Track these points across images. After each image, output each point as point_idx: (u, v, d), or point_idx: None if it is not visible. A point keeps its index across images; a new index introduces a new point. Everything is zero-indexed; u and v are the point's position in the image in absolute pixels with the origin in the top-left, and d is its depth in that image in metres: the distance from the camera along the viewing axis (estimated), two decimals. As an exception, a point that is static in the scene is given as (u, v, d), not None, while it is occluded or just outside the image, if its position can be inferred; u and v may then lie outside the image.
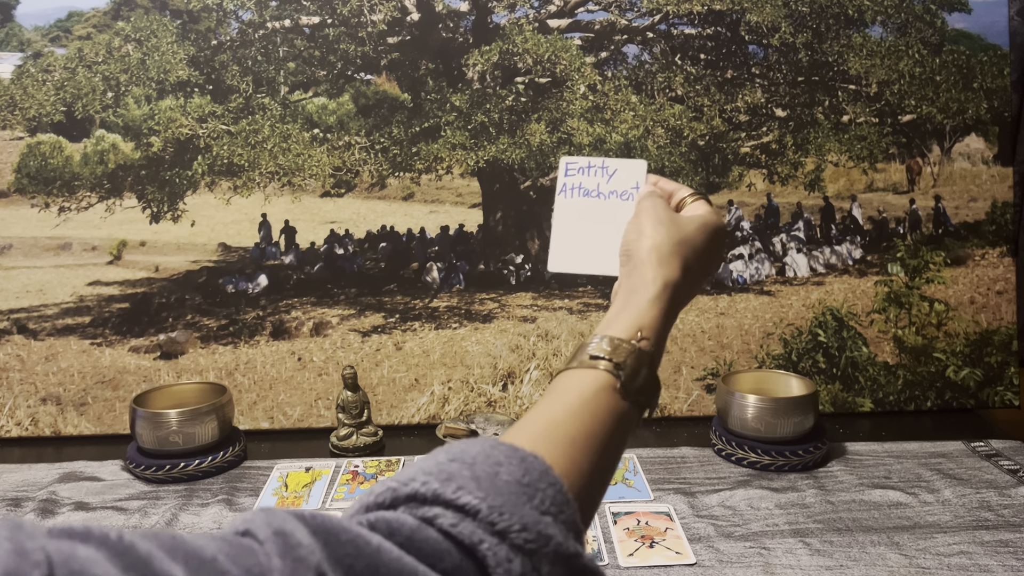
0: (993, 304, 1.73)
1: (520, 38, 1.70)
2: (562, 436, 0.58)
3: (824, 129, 1.75)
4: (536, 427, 0.59)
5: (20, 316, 1.69)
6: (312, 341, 1.71)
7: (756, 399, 1.43)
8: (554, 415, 0.60)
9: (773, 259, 1.79)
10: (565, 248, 0.85)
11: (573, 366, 0.65)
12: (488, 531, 0.48)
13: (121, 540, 0.38)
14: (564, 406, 0.61)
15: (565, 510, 0.52)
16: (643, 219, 0.75)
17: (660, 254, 0.71)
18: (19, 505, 1.32)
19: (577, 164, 0.85)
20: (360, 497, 0.52)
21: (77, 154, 1.72)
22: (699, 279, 0.76)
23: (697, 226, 0.75)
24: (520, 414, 1.66)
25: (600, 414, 0.61)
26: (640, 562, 1.13)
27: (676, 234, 0.73)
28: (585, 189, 0.85)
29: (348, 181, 1.76)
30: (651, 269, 0.71)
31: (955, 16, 1.75)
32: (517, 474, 0.52)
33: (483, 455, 0.53)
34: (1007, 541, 1.16)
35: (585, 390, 0.62)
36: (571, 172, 0.85)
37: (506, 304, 1.75)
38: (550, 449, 0.56)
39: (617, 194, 0.84)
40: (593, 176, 0.85)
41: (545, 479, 0.53)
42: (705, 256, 0.75)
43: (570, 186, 0.85)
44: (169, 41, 1.70)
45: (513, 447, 0.54)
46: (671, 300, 0.70)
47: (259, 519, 0.45)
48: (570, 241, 0.85)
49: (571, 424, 0.59)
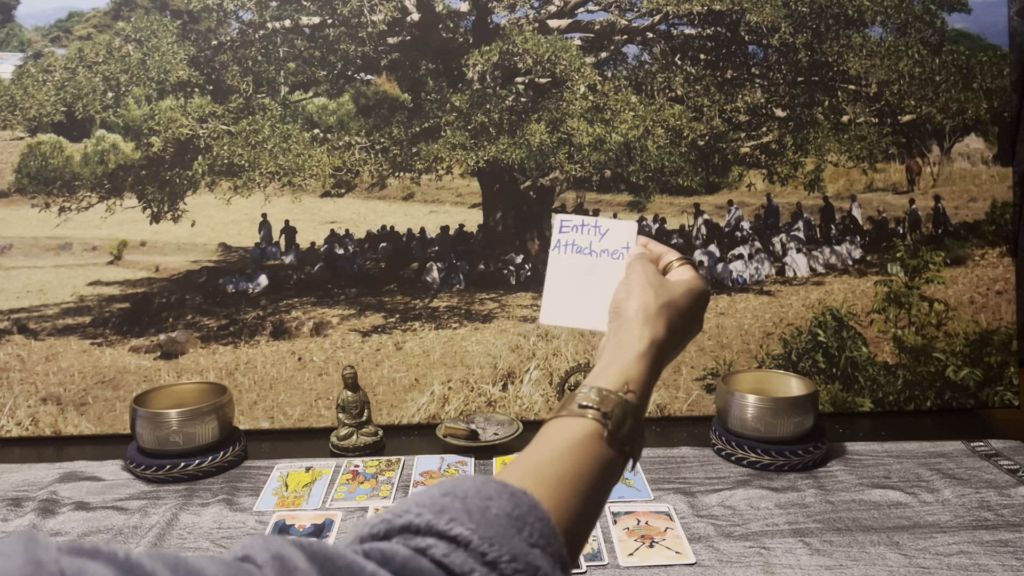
0: (993, 304, 1.73)
1: (520, 38, 1.70)
2: (550, 475, 0.60)
3: (824, 129, 1.75)
4: (525, 467, 0.62)
5: (20, 316, 1.69)
6: (312, 341, 1.71)
7: (756, 399, 1.43)
8: (543, 457, 0.63)
9: (773, 259, 1.79)
10: (557, 302, 0.89)
11: (563, 414, 0.68)
12: (479, 561, 0.50)
13: (128, 558, 0.40)
14: (552, 449, 0.64)
15: (552, 543, 0.55)
16: (633, 281, 0.80)
17: (647, 314, 0.75)
18: (19, 505, 1.32)
19: (571, 222, 0.90)
20: (355, 528, 0.55)
21: (77, 154, 1.72)
22: (682, 339, 0.80)
23: (683, 291, 0.80)
24: (520, 414, 1.66)
25: (587, 458, 0.64)
26: (640, 562, 1.13)
27: (663, 296, 0.77)
28: (578, 247, 0.89)
29: (348, 181, 1.77)
30: (638, 327, 0.75)
31: (955, 16, 1.75)
32: (507, 508, 0.54)
33: (475, 490, 0.55)
34: (1007, 541, 1.16)
35: (574, 436, 0.65)
36: (565, 229, 0.90)
37: (506, 304, 1.75)
38: (538, 487, 0.58)
39: (608, 253, 0.89)
40: (586, 234, 0.89)
41: (534, 513, 0.55)
42: (689, 319, 0.80)
43: (564, 243, 0.90)
44: (169, 41, 1.70)
45: (503, 483, 0.57)
46: (656, 357, 0.74)
47: (257, 544, 0.47)
48: (562, 296, 0.89)
49: (559, 465, 0.62)
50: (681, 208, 1.79)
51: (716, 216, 1.80)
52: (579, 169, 1.74)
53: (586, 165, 1.74)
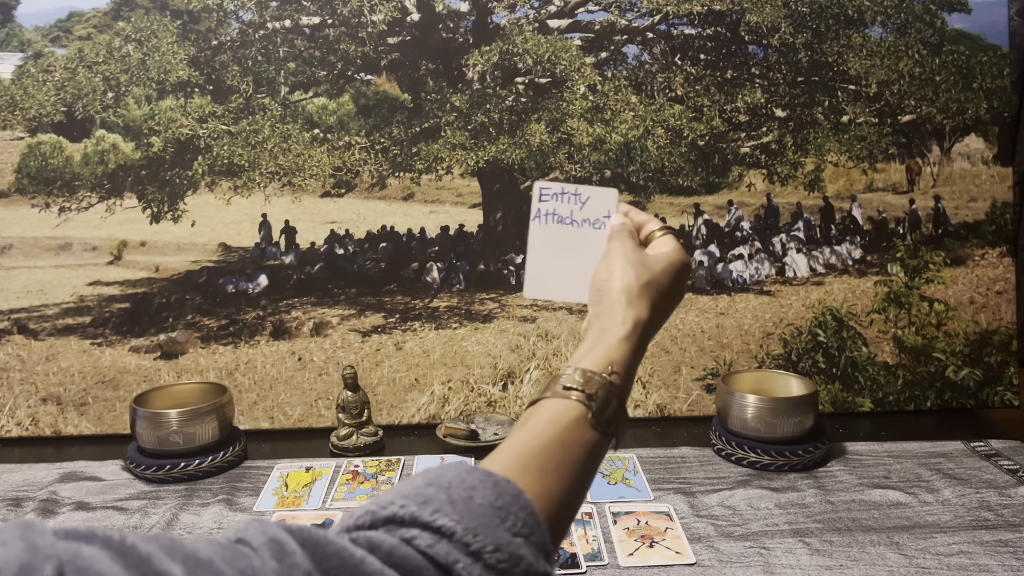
0: (993, 304, 1.73)
1: (520, 38, 1.70)
2: (534, 463, 0.61)
3: (824, 129, 1.75)
4: (509, 454, 0.62)
5: (20, 316, 1.69)
6: (312, 341, 1.71)
7: (756, 399, 1.43)
8: (527, 443, 0.63)
9: (773, 259, 1.79)
10: (540, 275, 0.88)
11: (547, 395, 0.68)
12: (463, 551, 0.51)
13: (124, 541, 0.41)
14: (537, 434, 0.64)
15: (536, 532, 0.55)
16: (613, 260, 0.79)
17: (630, 295, 0.75)
18: (19, 505, 1.32)
19: (551, 190, 0.88)
20: (340, 519, 0.56)
21: (77, 154, 1.72)
22: (665, 315, 0.80)
23: (663, 266, 0.79)
24: (520, 414, 1.66)
25: (571, 443, 0.64)
26: (640, 562, 1.13)
27: (644, 275, 0.77)
28: (559, 216, 0.87)
29: (348, 181, 1.77)
30: (621, 309, 0.74)
31: (955, 16, 1.75)
32: (491, 498, 0.55)
33: (458, 480, 0.56)
34: (1007, 541, 1.16)
35: (558, 419, 0.65)
36: (545, 198, 0.88)
37: (506, 304, 1.75)
38: (522, 475, 0.59)
39: (590, 222, 0.87)
40: (566, 203, 0.87)
41: (517, 503, 0.56)
42: (671, 295, 0.80)
43: (544, 212, 0.88)
44: (169, 41, 1.70)
45: (487, 472, 0.57)
46: (640, 338, 0.74)
47: (253, 528, 0.48)
48: (545, 268, 0.87)
49: (543, 452, 0.62)
50: (681, 208, 1.79)
51: (716, 216, 1.80)
52: (579, 169, 1.74)
53: (586, 165, 1.74)
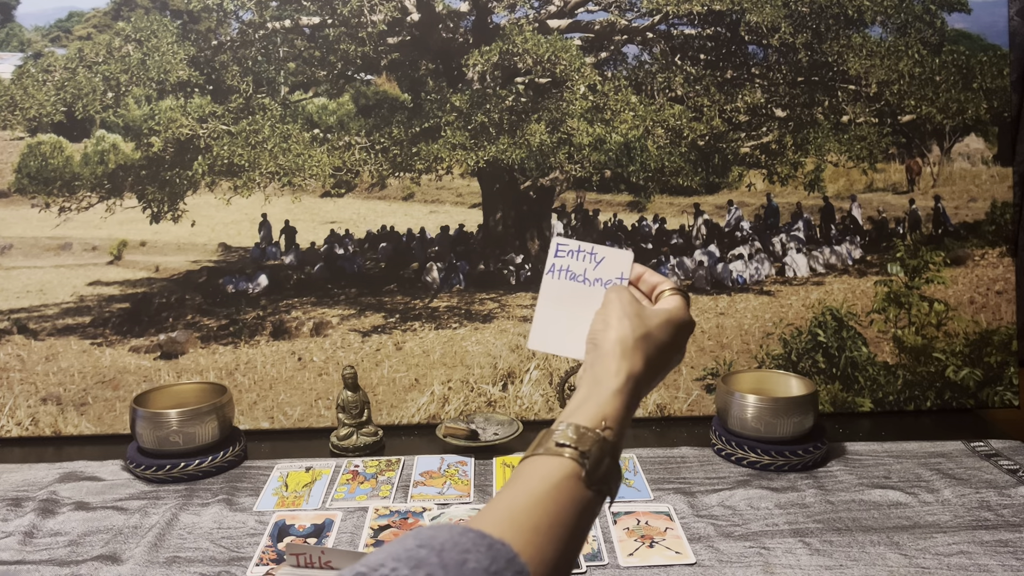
0: (993, 304, 1.73)
1: (520, 38, 1.70)
2: (528, 523, 0.60)
3: (824, 129, 1.75)
4: (503, 513, 0.61)
5: (20, 316, 1.69)
6: (312, 341, 1.71)
7: (756, 399, 1.43)
8: (520, 502, 0.62)
9: (773, 259, 1.79)
10: (547, 328, 0.87)
11: (539, 452, 0.67)
12: None
13: None
14: (529, 493, 0.63)
15: None
16: (610, 311, 0.78)
17: (624, 347, 0.74)
18: (19, 505, 1.32)
19: (567, 247, 0.88)
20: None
21: (77, 154, 1.72)
22: (660, 370, 0.78)
23: (661, 320, 0.78)
24: (520, 414, 1.66)
25: (564, 502, 0.63)
26: (640, 562, 1.13)
27: (640, 328, 0.76)
28: (572, 273, 0.87)
29: (348, 181, 1.77)
30: (615, 361, 0.73)
31: (955, 16, 1.75)
32: (484, 562, 0.54)
33: (451, 542, 0.55)
34: (1007, 541, 1.16)
35: (551, 477, 0.64)
36: (561, 254, 0.88)
37: (506, 304, 1.75)
38: (516, 536, 0.58)
39: (602, 282, 0.87)
40: (581, 261, 0.87)
41: (512, 568, 0.55)
42: (668, 350, 0.78)
43: (558, 267, 0.88)
44: (169, 41, 1.70)
45: (481, 534, 0.57)
46: (633, 392, 0.73)
47: None
48: (552, 322, 0.87)
49: (536, 511, 0.61)
50: (681, 208, 1.79)
51: (716, 216, 1.80)
52: (579, 169, 1.74)
53: (586, 165, 1.74)
